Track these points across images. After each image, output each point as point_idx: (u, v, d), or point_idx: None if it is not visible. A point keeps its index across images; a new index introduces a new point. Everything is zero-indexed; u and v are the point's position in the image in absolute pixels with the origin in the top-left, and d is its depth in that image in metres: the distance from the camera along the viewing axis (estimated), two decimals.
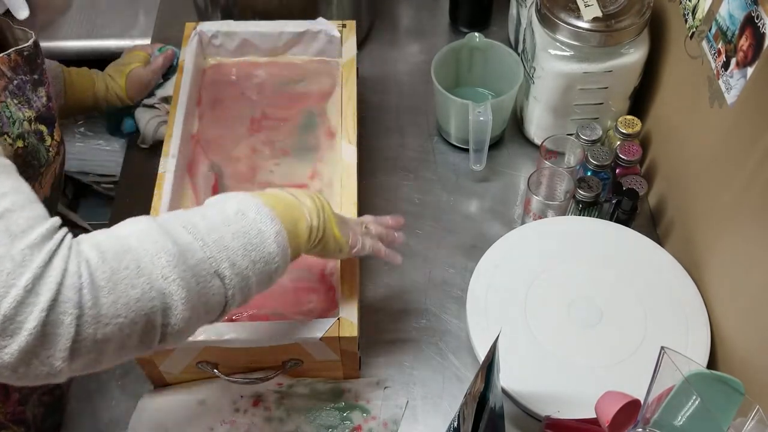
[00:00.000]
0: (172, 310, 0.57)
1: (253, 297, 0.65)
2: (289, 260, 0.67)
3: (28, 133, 0.73)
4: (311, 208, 0.70)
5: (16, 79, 0.74)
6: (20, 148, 0.71)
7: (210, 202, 0.66)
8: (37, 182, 0.76)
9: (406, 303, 0.97)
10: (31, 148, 0.73)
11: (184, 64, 1.02)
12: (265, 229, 0.64)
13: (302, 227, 0.69)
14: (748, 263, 0.79)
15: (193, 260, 0.58)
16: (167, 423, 0.85)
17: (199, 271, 0.59)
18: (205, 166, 0.97)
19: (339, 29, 1.06)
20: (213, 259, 0.60)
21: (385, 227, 0.83)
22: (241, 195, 0.66)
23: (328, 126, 1.02)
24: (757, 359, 0.78)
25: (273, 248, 0.64)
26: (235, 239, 0.62)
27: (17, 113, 0.72)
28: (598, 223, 0.96)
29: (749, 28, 0.76)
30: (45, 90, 0.78)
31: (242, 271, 0.62)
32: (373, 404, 0.87)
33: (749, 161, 0.78)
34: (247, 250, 0.62)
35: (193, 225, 0.61)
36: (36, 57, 0.77)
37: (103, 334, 0.53)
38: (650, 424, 0.65)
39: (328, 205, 0.72)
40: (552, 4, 0.97)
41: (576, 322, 0.88)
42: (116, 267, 0.54)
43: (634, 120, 1.01)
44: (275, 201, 0.67)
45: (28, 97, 0.75)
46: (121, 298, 0.54)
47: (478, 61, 1.14)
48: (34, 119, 0.75)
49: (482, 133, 1.02)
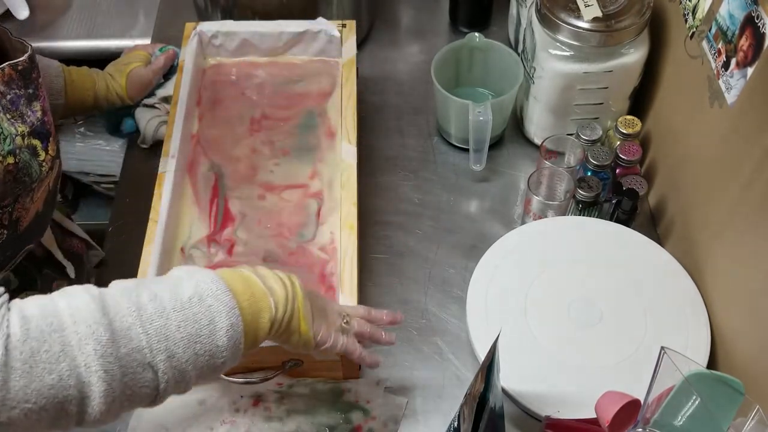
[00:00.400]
0: (90, 401, 0.53)
1: (192, 387, 0.60)
2: (240, 354, 0.62)
3: (20, 149, 0.71)
4: (280, 297, 0.65)
5: (10, 94, 0.72)
6: (11, 164, 0.69)
7: (171, 276, 0.62)
8: (28, 198, 0.75)
9: (406, 303, 0.97)
10: (23, 164, 0.71)
11: (184, 64, 1.02)
12: (219, 320, 0.59)
13: (264, 320, 0.63)
14: (749, 263, 0.79)
15: (125, 349, 0.54)
16: (167, 423, 0.85)
17: (130, 361, 0.54)
18: (205, 166, 0.97)
19: (339, 29, 1.06)
20: (149, 349, 0.55)
21: (377, 322, 0.77)
22: (204, 275, 0.61)
23: (328, 126, 1.02)
24: (758, 359, 0.78)
25: (223, 342, 0.59)
26: (180, 329, 0.57)
27: (9, 128, 0.70)
28: (598, 223, 0.96)
29: (749, 28, 0.76)
30: (40, 104, 0.76)
31: (181, 364, 0.57)
32: (373, 404, 0.87)
33: (749, 161, 0.78)
34: (191, 342, 0.57)
35: (138, 306, 0.56)
36: (31, 71, 0.75)
37: (7, 417, 0.50)
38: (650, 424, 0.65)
39: (301, 295, 0.67)
40: (552, 4, 0.97)
41: (576, 322, 0.88)
42: (37, 348, 0.51)
43: (634, 120, 1.01)
44: (242, 287, 0.62)
45: (22, 112, 0.73)
46: (33, 383, 0.50)
47: (478, 61, 1.14)
48: (27, 134, 0.73)
49: (482, 133, 1.02)
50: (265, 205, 0.94)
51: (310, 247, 0.90)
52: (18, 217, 0.75)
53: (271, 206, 0.94)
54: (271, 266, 0.87)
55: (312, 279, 0.87)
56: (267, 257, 0.89)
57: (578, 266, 0.92)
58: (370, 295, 0.98)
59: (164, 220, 0.86)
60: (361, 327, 0.75)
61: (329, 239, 0.90)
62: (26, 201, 0.75)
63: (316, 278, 0.87)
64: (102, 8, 1.36)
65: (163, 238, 0.85)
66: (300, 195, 0.95)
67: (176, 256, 0.89)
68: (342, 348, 0.72)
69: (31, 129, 0.74)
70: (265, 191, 0.95)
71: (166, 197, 0.88)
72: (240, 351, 0.62)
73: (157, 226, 0.85)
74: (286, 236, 0.91)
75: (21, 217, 0.75)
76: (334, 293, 0.86)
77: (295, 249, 0.90)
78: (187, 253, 0.89)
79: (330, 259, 0.89)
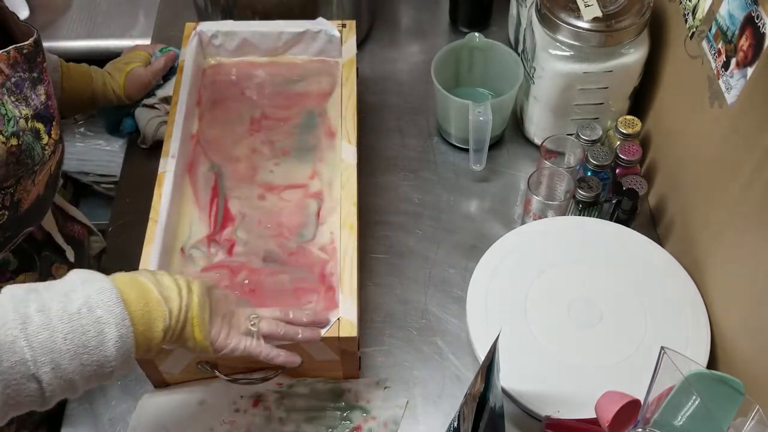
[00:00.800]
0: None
1: (82, 391, 0.61)
2: (132, 362, 0.63)
3: (24, 132, 0.72)
4: (175, 307, 0.65)
5: (14, 77, 0.73)
6: (14, 146, 0.70)
7: (66, 281, 0.62)
8: (30, 180, 0.76)
9: (406, 303, 0.97)
10: (26, 146, 0.72)
11: (184, 64, 1.02)
12: (108, 332, 0.59)
13: (158, 329, 0.64)
14: (749, 263, 0.79)
15: (8, 363, 0.55)
16: (167, 423, 0.85)
17: (13, 374, 0.55)
18: (205, 166, 0.97)
19: (339, 29, 1.06)
20: (33, 362, 0.56)
21: (296, 323, 0.76)
22: (98, 285, 0.61)
23: (328, 126, 1.02)
24: (758, 359, 0.78)
25: (111, 353, 0.60)
26: (67, 340, 0.57)
27: (13, 111, 0.72)
28: (598, 223, 0.96)
29: (749, 28, 0.76)
30: (44, 88, 0.77)
31: (67, 374, 0.58)
32: (373, 404, 0.87)
33: (749, 161, 0.78)
34: (77, 354, 0.58)
35: (24, 319, 0.56)
36: (36, 55, 0.77)
37: None
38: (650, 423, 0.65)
39: (197, 303, 0.67)
40: (552, 4, 0.97)
41: (576, 322, 0.88)
42: None
43: (634, 120, 1.01)
44: (137, 295, 0.63)
45: (26, 95, 0.74)
46: None
47: (478, 61, 1.14)
48: (31, 117, 0.74)
49: (482, 133, 1.02)
50: (265, 205, 0.94)
51: (310, 247, 0.90)
52: (19, 199, 0.76)
53: (271, 206, 0.94)
54: (271, 266, 0.88)
55: (312, 279, 0.87)
56: (267, 257, 0.89)
57: (578, 266, 0.92)
58: (370, 295, 0.98)
59: (164, 220, 0.86)
60: (271, 328, 0.74)
61: (329, 239, 0.90)
62: (28, 183, 0.76)
63: (316, 278, 0.87)
64: (102, 8, 1.36)
65: (163, 238, 0.85)
66: (300, 195, 0.95)
67: (176, 256, 0.89)
68: (244, 351, 0.72)
69: (35, 112, 0.75)
70: (265, 191, 0.95)
71: (166, 197, 0.88)
72: (131, 360, 0.62)
73: (157, 226, 0.85)
74: (286, 236, 0.91)
75: (22, 199, 0.76)
76: (334, 293, 0.86)
77: (295, 249, 0.90)
78: (187, 253, 0.89)
79: (330, 259, 0.89)
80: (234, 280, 0.87)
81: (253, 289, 0.87)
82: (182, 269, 0.88)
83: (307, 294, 0.86)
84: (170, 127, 0.95)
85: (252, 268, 0.88)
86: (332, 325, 0.78)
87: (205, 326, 0.68)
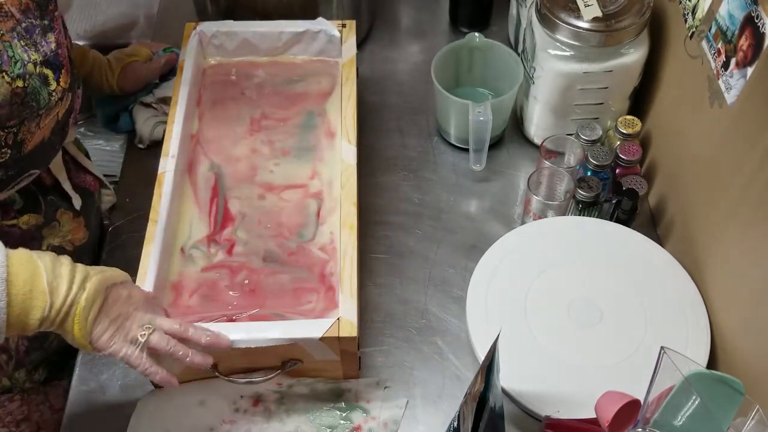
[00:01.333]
0: None
1: None
2: (1, 336, 0.65)
3: (31, 76, 0.74)
4: (58, 300, 0.67)
5: (25, 22, 0.75)
6: (19, 87, 0.73)
7: None
8: (34, 123, 0.78)
9: (406, 303, 0.97)
10: (31, 90, 0.75)
11: (184, 63, 1.02)
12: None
13: (35, 317, 0.66)
14: (749, 263, 0.79)
15: None
16: (167, 423, 0.85)
17: None
18: (205, 166, 0.97)
19: (339, 29, 1.06)
20: None
21: (193, 341, 0.75)
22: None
23: (328, 126, 1.02)
24: (758, 359, 0.78)
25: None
26: None
27: (22, 54, 0.74)
28: (598, 223, 0.96)
29: (749, 27, 0.76)
30: (55, 36, 0.79)
31: None
32: (373, 404, 0.87)
33: (749, 161, 0.78)
34: None
35: None
36: (48, 4, 0.78)
37: None
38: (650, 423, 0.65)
39: (85, 300, 0.68)
40: (552, 4, 0.97)
41: (576, 322, 0.88)
42: None
43: (634, 120, 1.01)
44: (24, 280, 0.65)
45: (36, 41, 0.76)
46: None
47: (478, 61, 1.14)
48: (40, 63, 0.76)
49: (482, 133, 1.02)
50: (264, 205, 0.94)
51: (310, 246, 0.90)
52: (23, 140, 0.77)
53: (270, 206, 0.94)
54: (271, 266, 0.88)
55: (312, 279, 0.87)
56: (267, 257, 0.89)
57: (578, 266, 0.92)
58: (370, 295, 0.98)
59: (164, 220, 0.86)
60: (160, 343, 0.73)
61: (329, 239, 0.90)
62: (32, 125, 0.77)
63: (316, 278, 0.87)
64: (102, 8, 1.36)
65: (163, 238, 0.85)
66: (300, 195, 0.95)
67: (176, 256, 0.89)
68: (123, 358, 0.72)
69: (44, 59, 0.77)
70: (265, 191, 0.95)
71: (166, 197, 0.88)
72: (1, 334, 0.65)
73: (157, 226, 0.85)
74: (286, 236, 0.91)
75: (26, 140, 0.78)
76: (333, 293, 0.86)
77: (295, 249, 0.90)
78: (187, 253, 0.89)
79: (330, 259, 0.89)
80: (234, 280, 0.87)
81: (253, 289, 0.87)
82: (182, 269, 0.88)
83: (306, 294, 0.86)
84: (170, 126, 0.95)
85: (252, 268, 0.88)
86: (332, 326, 0.78)
87: (85, 326, 0.69)
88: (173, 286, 0.86)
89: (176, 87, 0.99)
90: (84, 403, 0.89)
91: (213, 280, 0.87)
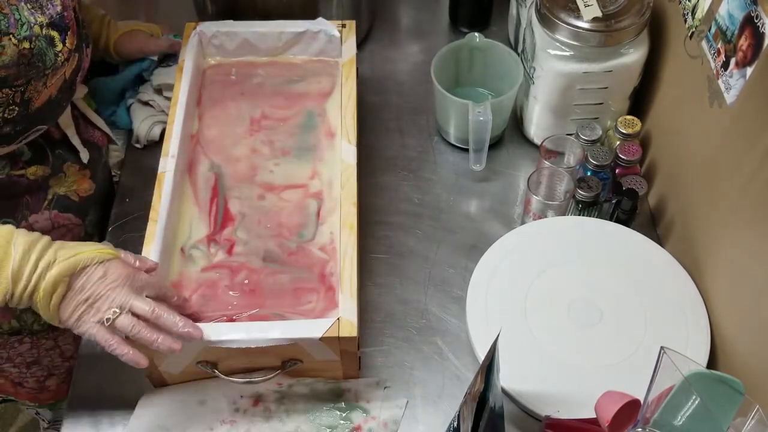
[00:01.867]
0: None
1: None
2: None
3: (37, 37, 0.77)
4: (20, 289, 0.71)
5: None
6: (25, 49, 0.75)
7: None
8: (41, 82, 0.80)
9: (406, 303, 0.97)
10: (38, 51, 0.77)
11: (184, 64, 1.02)
12: None
13: (4, 276, 0.70)
14: (749, 263, 0.79)
15: None
16: (167, 423, 0.85)
17: None
18: (205, 166, 0.97)
19: (339, 29, 1.06)
20: None
21: (168, 328, 0.75)
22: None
23: (327, 126, 1.02)
24: (757, 359, 0.78)
25: None
26: None
27: (28, 17, 0.76)
28: (598, 223, 0.96)
29: (749, 27, 0.76)
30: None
31: None
32: (373, 404, 0.87)
33: (749, 161, 0.78)
34: None
35: None
36: None
37: None
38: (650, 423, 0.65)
39: (44, 287, 0.71)
40: (552, 4, 0.97)
41: (576, 322, 0.88)
42: None
43: (634, 120, 1.01)
44: (2, 249, 0.70)
45: (42, 4, 0.78)
46: None
47: (478, 61, 1.14)
48: (46, 25, 0.78)
49: (482, 133, 1.02)
50: (264, 205, 0.94)
51: (310, 247, 0.90)
52: (30, 98, 0.81)
53: (270, 206, 0.94)
54: (271, 266, 0.88)
55: (312, 279, 0.87)
56: (267, 257, 0.89)
57: (578, 266, 0.92)
58: (370, 295, 0.98)
59: (164, 220, 0.86)
60: (124, 325, 0.74)
61: (329, 239, 0.90)
62: (39, 85, 0.81)
63: (316, 278, 0.88)
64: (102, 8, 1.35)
65: (163, 237, 0.85)
66: (300, 195, 0.95)
67: (176, 255, 0.89)
68: (92, 337, 0.74)
69: (50, 21, 0.79)
70: (264, 191, 0.95)
71: (166, 197, 0.88)
72: None
73: (156, 225, 0.85)
74: (285, 236, 0.91)
75: (33, 98, 0.81)
76: (333, 293, 0.86)
77: (295, 249, 0.90)
78: (187, 253, 0.89)
79: (330, 259, 0.89)
80: (234, 279, 0.87)
81: (252, 289, 0.87)
82: (182, 269, 0.88)
83: (306, 294, 0.87)
84: (170, 126, 0.95)
85: (252, 267, 0.88)
86: (332, 326, 0.78)
87: (48, 309, 0.72)
88: (173, 286, 0.86)
89: (176, 87, 0.99)
90: (84, 403, 0.89)
91: (213, 280, 0.87)
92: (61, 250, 0.73)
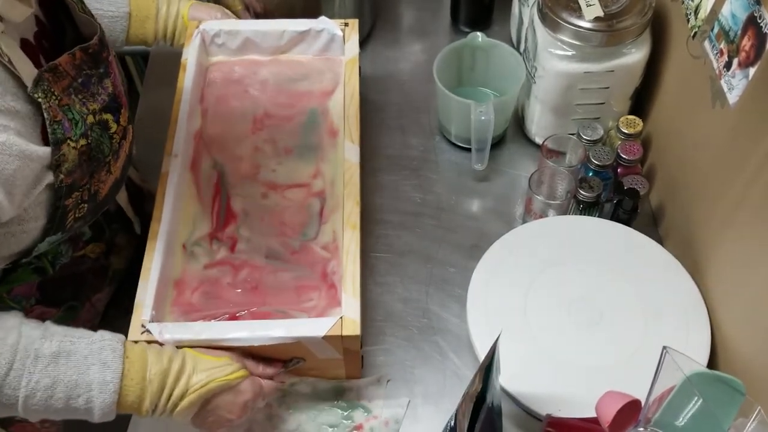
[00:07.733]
0: None
1: None
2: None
3: (92, 127, 0.73)
4: (158, 413, 0.75)
5: (81, 77, 0.73)
6: (83, 146, 0.71)
7: (90, 349, 0.72)
8: (104, 171, 0.77)
9: (407, 302, 0.97)
10: (95, 143, 0.73)
11: (187, 62, 1.02)
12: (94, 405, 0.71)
13: (144, 408, 0.74)
14: (750, 263, 0.80)
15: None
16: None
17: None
18: (208, 165, 0.97)
19: (341, 28, 1.06)
20: (24, 410, 0.69)
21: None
22: (112, 373, 0.72)
23: (330, 124, 1.02)
24: (759, 359, 0.78)
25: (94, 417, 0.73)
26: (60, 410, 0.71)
27: (81, 109, 0.72)
28: (599, 223, 0.96)
29: (752, 28, 0.76)
30: (111, 80, 0.77)
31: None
32: (374, 403, 0.88)
33: (751, 161, 0.78)
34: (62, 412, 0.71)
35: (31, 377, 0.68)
36: (101, 52, 0.76)
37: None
38: (651, 423, 0.65)
39: (180, 411, 0.75)
40: (554, 3, 0.97)
41: (576, 322, 0.88)
42: None
43: (636, 120, 1.01)
44: (139, 385, 0.73)
45: (93, 92, 0.74)
46: None
47: (480, 61, 1.14)
48: (99, 111, 0.74)
49: (484, 133, 1.03)
50: (267, 204, 0.94)
51: (313, 245, 0.90)
52: (96, 190, 0.77)
53: (273, 205, 0.94)
54: (273, 264, 0.88)
55: (314, 277, 0.88)
56: (269, 255, 0.89)
57: (579, 266, 0.93)
58: (372, 294, 0.98)
59: (167, 218, 0.86)
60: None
61: (331, 238, 0.91)
62: (102, 174, 0.77)
63: (318, 276, 0.88)
64: None
65: (166, 235, 0.85)
66: (302, 194, 0.95)
67: (179, 253, 0.89)
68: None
69: (103, 106, 0.75)
70: (267, 190, 0.95)
71: (169, 196, 0.88)
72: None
73: (159, 223, 0.85)
74: (288, 235, 0.91)
75: (99, 190, 0.78)
76: (335, 291, 0.86)
77: (298, 247, 0.90)
78: (190, 250, 0.89)
79: (332, 258, 0.89)
80: (236, 277, 0.88)
81: (255, 287, 0.87)
82: (185, 266, 0.88)
83: (308, 292, 0.87)
84: (173, 125, 0.95)
85: (254, 265, 0.89)
86: (335, 324, 0.78)
87: (187, 415, 0.77)
88: (176, 283, 0.86)
89: (179, 86, 0.99)
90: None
91: (215, 278, 0.87)
92: (194, 375, 0.75)
